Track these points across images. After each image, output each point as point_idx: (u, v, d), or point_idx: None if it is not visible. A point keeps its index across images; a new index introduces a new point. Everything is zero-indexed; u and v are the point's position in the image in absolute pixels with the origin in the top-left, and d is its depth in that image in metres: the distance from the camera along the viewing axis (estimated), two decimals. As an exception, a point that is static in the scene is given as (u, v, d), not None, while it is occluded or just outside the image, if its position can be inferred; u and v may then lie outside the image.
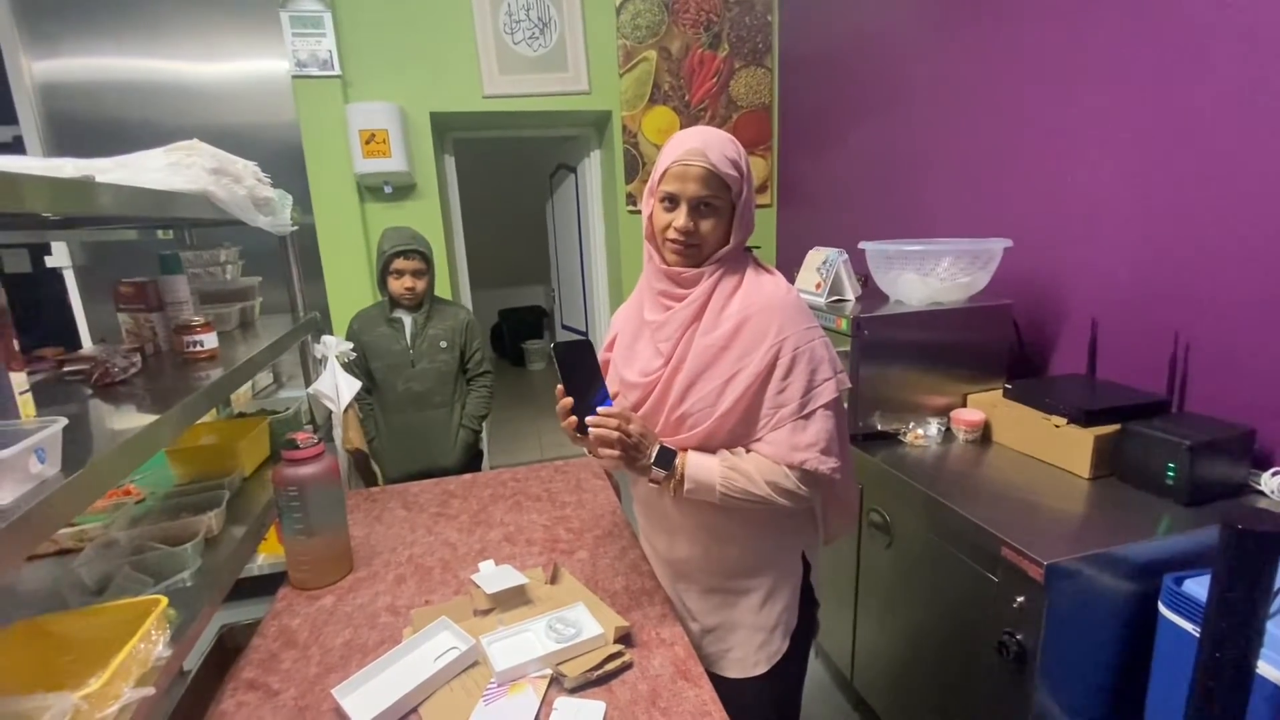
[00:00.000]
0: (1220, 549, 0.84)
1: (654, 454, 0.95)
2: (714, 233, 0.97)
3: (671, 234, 0.97)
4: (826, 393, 0.96)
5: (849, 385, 1.01)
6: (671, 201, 0.97)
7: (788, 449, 0.95)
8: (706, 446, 0.98)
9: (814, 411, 0.96)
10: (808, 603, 1.12)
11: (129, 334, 1.26)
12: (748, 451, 0.99)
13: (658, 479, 0.96)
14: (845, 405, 1.07)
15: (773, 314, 0.96)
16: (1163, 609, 1.10)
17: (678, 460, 0.96)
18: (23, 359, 0.73)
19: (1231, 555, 0.83)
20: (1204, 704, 0.87)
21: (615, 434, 0.91)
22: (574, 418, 0.92)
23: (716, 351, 0.96)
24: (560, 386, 0.93)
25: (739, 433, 0.98)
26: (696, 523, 1.06)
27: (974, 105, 1.97)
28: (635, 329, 1.07)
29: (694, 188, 0.94)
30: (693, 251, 0.98)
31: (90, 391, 1.01)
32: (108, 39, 2.60)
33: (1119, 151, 1.54)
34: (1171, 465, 1.26)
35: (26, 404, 0.73)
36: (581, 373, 0.94)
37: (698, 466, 0.96)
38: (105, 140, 2.63)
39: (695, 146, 0.94)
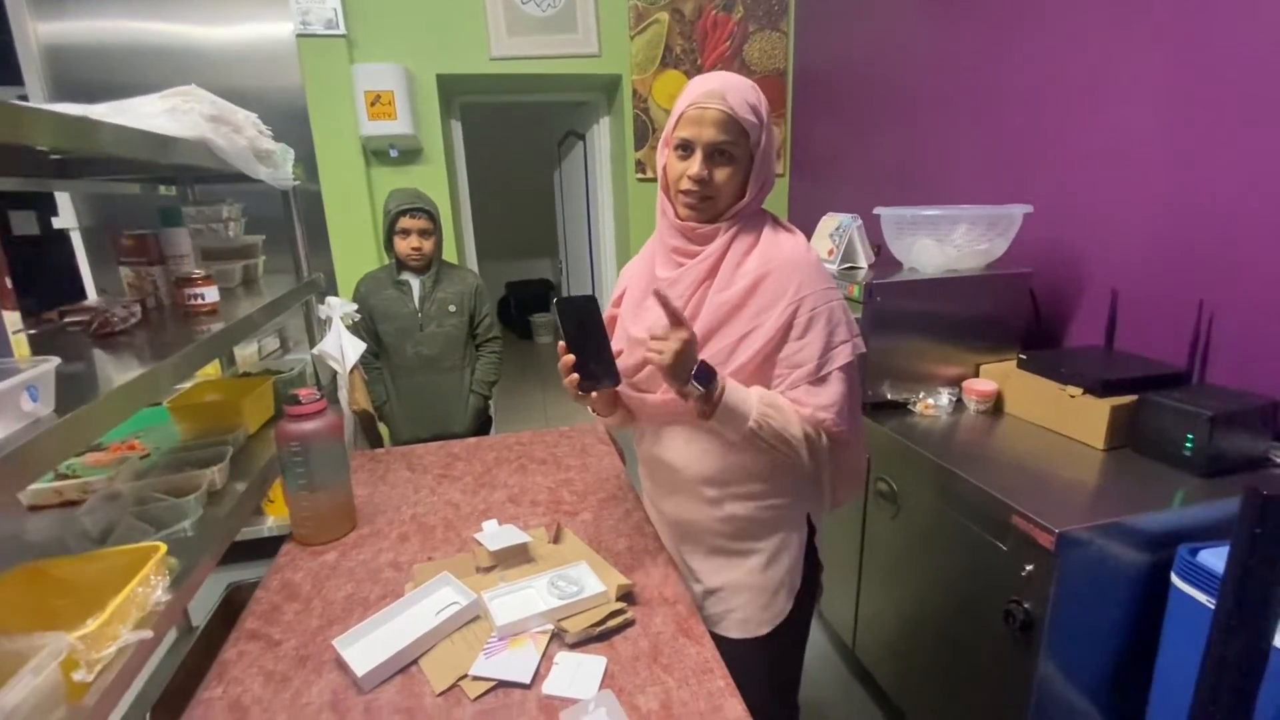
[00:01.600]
0: (1242, 516, 0.81)
1: (696, 368, 0.87)
2: (729, 183, 0.92)
3: (685, 184, 0.92)
4: (842, 355, 0.94)
5: (864, 349, 0.98)
6: (686, 149, 0.92)
7: (809, 408, 0.93)
8: None
9: (830, 374, 0.93)
10: (811, 564, 1.11)
11: (130, 287, 1.24)
12: None
13: (692, 394, 0.88)
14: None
15: (791, 272, 0.93)
16: (1175, 579, 1.08)
17: (719, 379, 0.89)
18: (14, 298, 0.72)
19: (1254, 523, 0.81)
20: (1217, 674, 0.85)
21: (674, 347, 0.84)
22: (575, 375, 0.90)
23: (730, 309, 0.94)
24: (562, 344, 0.91)
25: None
26: (702, 482, 1.04)
27: (996, 69, 1.90)
28: (645, 285, 1.04)
29: (710, 132, 0.89)
30: (707, 205, 0.94)
31: (90, 341, 1.00)
32: (113, 1, 2.56)
33: (1144, 115, 1.48)
34: (1190, 436, 1.23)
35: (20, 344, 0.71)
36: (586, 329, 0.91)
37: (736, 393, 0.90)
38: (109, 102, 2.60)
39: (714, 88, 0.89)
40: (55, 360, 0.67)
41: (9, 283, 0.71)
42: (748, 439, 0.92)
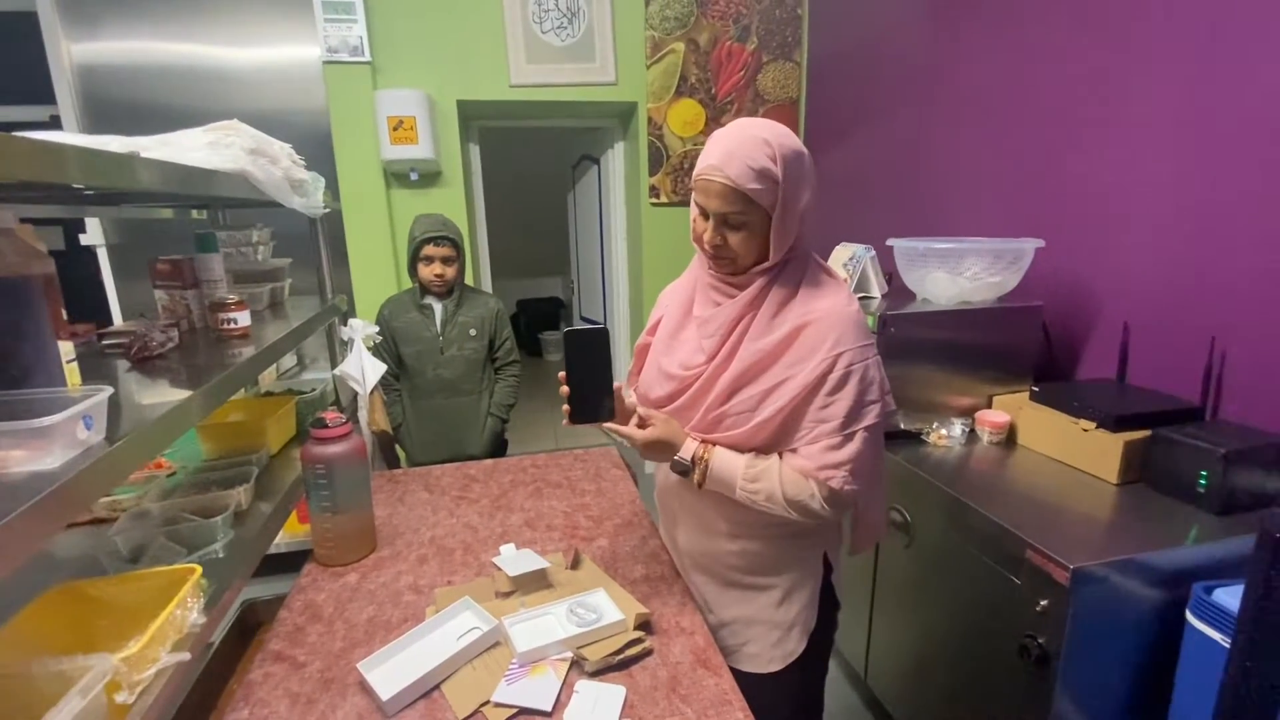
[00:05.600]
0: (1256, 559, 0.82)
1: (679, 455, 0.97)
2: (747, 245, 0.92)
3: (706, 243, 0.94)
4: (869, 416, 0.94)
5: (894, 408, 0.99)
6: (703, 212, 0.94)
7: (819, 465, 0.92)
8: (739, 448, 0.97)
9: (855, 432, 0.93)
10: (828, 604, 1.10)
11: (165, 310, 1.28)
12: (781, 457, 0.97)
13: (678, 472, 0.99)
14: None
15: (832, 325, 0.92)
16: (1190, 618, 1.09)
17: (700, 460, 0.97)
18: (68, 328, 0.75)
19: (1269, 566, 0.82)
20: (1232, 714, 0.85)
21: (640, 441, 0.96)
22: (567, 406, 0.95)
23: (765, 357, 0.94)
24: (562, 374, 0.94)
25: (773, 441, 0.96)
26: (717, 516, 1.05)
27: (1007, 102, 1.94)
28: (681, 319, 1.05)
29: (716, 203, 0.90)
30: (728, 264, 0.96)
31: (129, 365, 1.04)
32: (145, 22, 2.65)
33: (1156, 148, 1.51)
34: (1204, 473, 1.23)
35: (73, 373, 0.75)
36: (588, 362, 0.94)
37: (722, 467, 0.96)
38: (139, 122, 2.68)
39: (714, 162, 0.88)
40: (108, 390, 0.70)
41: (64, 314, 0.74)
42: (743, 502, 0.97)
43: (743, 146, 0.87)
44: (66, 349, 0.74)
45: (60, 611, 0.80)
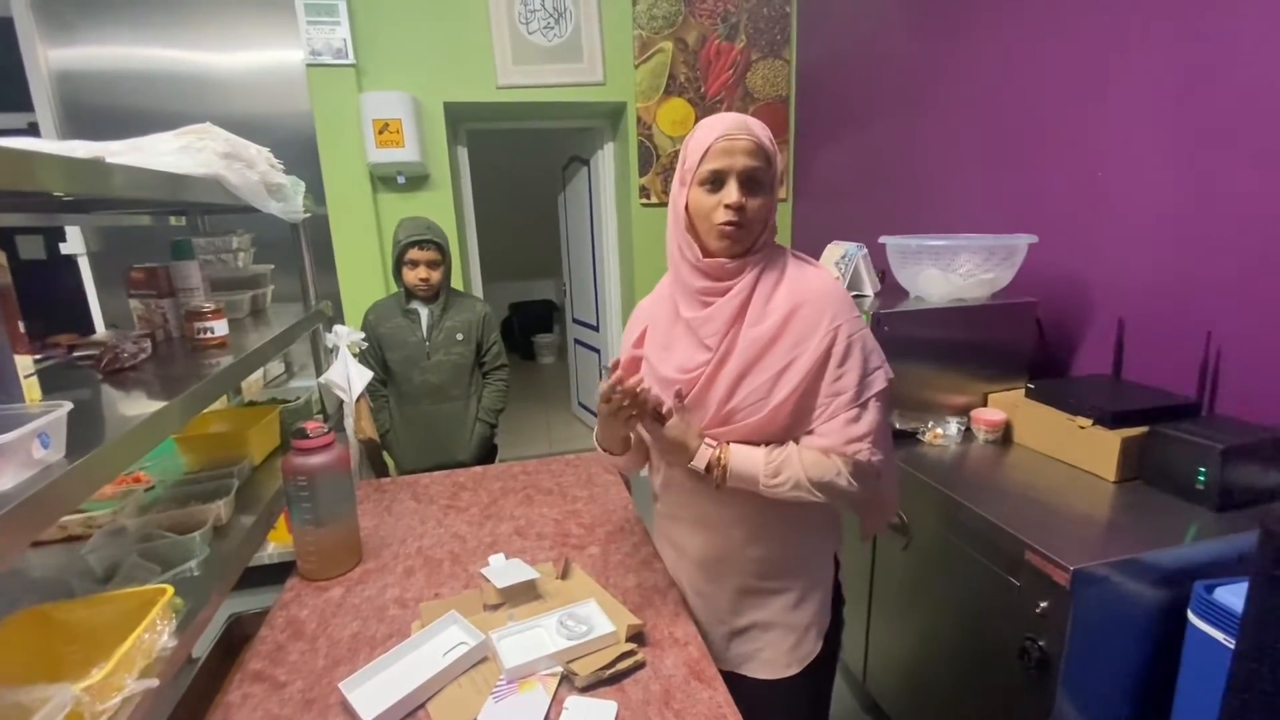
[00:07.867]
0: (1259, 559, 0.80)
1: (693, 463, 0.95)
2: (759, 212, 0.93)
3: (721, 214, 0.91)
4: (878, 382, 0.94)
5: (893, 375, 0.98)
6: (716, 181, 0.91)
7: (843, 440, 0.91)
8: (755, 439, 0.95)
9: (868, 401, 0.93)
10: (837, 601, 1.09)
11: (140, 320, 1.25)
12: (798, 443, 0.95)
13: (698, 470, 0.96)
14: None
15: (824, 301, 0.93)
16: (1192, 617, 1.07)
17: (718, 462, 0.95)
18: (28, 342, 0.72)
19: (1271, 563, 0.80)
20: (1236, 716, 0.83)
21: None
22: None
23: (765, 343, 0.93)
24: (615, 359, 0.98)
25: (791, 424, 0.94)
26: (732, 520, 1.02)
27: (999, 97, 1.92)
28: (668, 326, 1.03)
29: (743, 160, 0.90)
30: (743, 234, 0.92)
31: (99, 377, 1.00)
32: (124, 27, 2.61)
33: (1150, 143, 1.50)
34: (1202, 469, 1.22)
35: (32, 387, 0.71)
36: None
37: (741, 466, 0.93)
38: (119, 128, 2.61)
39: (738, 120, 0.92)
40: (67, 405, 0.67)
41: (21, 327, 0.71)
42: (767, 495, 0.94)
43: (749, 119, 0.94)
44: (25, 363, 0.71)
45: (25, 637, 0.76)
